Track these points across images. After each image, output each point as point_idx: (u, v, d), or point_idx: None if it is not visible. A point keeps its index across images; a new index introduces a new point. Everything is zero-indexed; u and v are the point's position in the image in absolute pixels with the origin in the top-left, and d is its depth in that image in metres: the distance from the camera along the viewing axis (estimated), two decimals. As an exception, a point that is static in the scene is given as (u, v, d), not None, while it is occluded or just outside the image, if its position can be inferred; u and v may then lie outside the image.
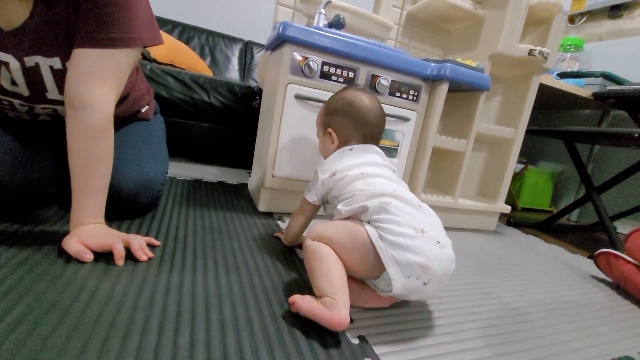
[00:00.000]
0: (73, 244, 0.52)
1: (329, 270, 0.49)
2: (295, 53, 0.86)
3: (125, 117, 0.82)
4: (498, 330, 0.55)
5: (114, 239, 0.54)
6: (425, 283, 0.47)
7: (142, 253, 0.56)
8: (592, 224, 1.67)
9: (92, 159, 0.55)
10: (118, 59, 0.56)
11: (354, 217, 0.55)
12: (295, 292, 0.54)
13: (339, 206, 0.57)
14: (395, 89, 0.97)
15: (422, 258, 0.46)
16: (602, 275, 0.92)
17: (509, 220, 1.46)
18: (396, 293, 0.47)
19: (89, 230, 0.55)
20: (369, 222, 0.51)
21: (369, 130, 0.66)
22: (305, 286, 0.57)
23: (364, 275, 0.52)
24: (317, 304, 0.46)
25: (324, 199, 0.66)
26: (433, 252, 0.47)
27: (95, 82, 0.54)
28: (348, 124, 0.66)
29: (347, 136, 0.67)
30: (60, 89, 0.61)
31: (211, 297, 0.50)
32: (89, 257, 0.52)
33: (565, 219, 1.85)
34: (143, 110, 0.87)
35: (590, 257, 0.96)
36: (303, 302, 0.47)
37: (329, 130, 0.68)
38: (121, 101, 0.75)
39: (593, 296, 0.78)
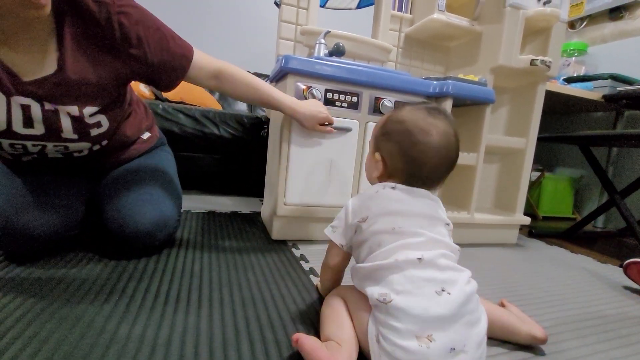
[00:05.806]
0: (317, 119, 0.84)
1: (342, 320, 0.47)
2: (298, 83, 0.89)
3: (130, 141, 0.82)
4: (527, 354, 0.52)
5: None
6: None
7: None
8: (620, 230, 1.59)
9: (254, 83, 0.78)
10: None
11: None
12: (313, 323, 0.54)
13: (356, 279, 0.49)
14: (399, 109, 0.98)
15: None
16: (635, 286, 0.86)
17: (530, 231, 1.41)
18: None
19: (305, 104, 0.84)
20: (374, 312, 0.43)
21: (424, 174, 0.49)
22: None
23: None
24: (319, 345, 0.43)
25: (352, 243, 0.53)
26: None
27: (210, 59, 0.76)
28: (397, 158, 0.50)
29: (393, 171, 0.51)
30: (75, 130, 0.63)
31: (228, 333, 0.49)
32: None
33: (591, 225, 1.78)
34: (145, 137, 0.87)
35: (620, 266, 0.91)
36: (306, 340, 0.43)
37: (377, 155, 0.53)
38: (119, 125, 0.75)
39: (629, 309, 0.73)
